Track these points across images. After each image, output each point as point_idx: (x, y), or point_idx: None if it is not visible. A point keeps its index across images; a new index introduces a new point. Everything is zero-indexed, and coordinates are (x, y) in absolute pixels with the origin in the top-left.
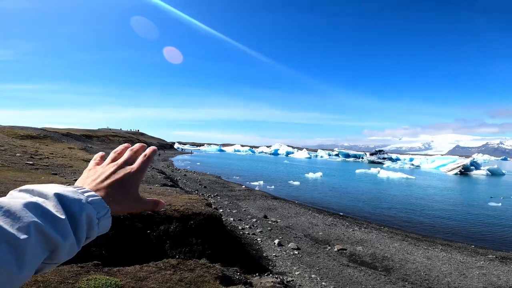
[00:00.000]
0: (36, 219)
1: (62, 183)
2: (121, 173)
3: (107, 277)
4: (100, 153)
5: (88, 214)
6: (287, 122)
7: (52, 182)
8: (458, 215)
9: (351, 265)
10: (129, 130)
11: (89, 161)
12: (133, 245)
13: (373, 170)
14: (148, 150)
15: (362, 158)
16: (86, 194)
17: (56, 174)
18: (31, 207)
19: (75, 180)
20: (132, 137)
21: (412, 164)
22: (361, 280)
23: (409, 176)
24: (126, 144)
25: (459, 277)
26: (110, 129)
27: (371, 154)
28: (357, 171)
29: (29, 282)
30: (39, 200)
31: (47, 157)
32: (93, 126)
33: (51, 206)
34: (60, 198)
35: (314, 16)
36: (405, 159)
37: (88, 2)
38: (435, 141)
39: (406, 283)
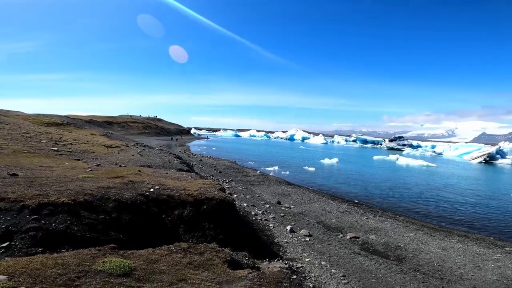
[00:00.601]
0: None
1: (84, 168)
2: None
3: (121, 259)
4: None
5: None
6: (303, 108)
7: (75, 167)
8: (479, 206)
9: (363, 253)
10: (147, 116)
11: (110, 147)
12: (148, 229)
13: (392, 157)
14: None
15: (381, 144)
16: None
17: (79, 159)
18: None
19: (97, 165)
20: (151, 123)
21: (434, 152)
22: (372, 269)
23: (430, 164)
24: None
25: (473, 269)
26: (130, 115)
27: (390, 141)
28: (375, 157)
29: (50, 265)
30: None
31: (71, 143)
32: (114, 113)
33: None
34: None
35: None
36: (426, 146)
37: None
38: (459, 128)
39: (418, 273)
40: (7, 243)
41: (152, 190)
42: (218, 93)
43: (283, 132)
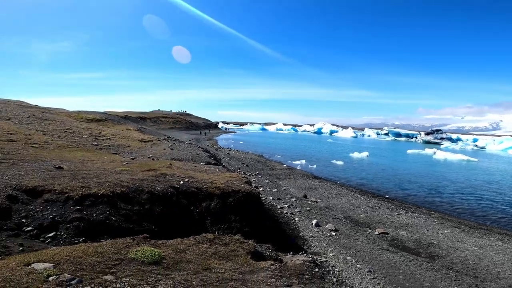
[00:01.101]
0: None
1: (121, 161)
2: None
3: (152, 248)
4: None
5: None
6: (331, 101)
7: (113, 161)
8: None
9: (391, 249)
10: (177, 111)
11: (143, 141)
12: (178, 220)
13: (428, 151)
14: None
15: (416, 137)
16: None
17: (116, 153)
18: None
19: (132, 159)
20: (180, 118)
21: (476, 145)
22: (400, 265)
23: (471, 158)
24: None
25: (511, 267)
26: (161, 111)
27: (427, 134)
28: (409, 151)
29: (90, 253)
30: None
31: (109, 138)
32: (146, 109)
33: None
34: None
35: None
36: (467, 140)
37: None
38: (505, 120)
39: (450, 271)
40: (53, 233)
41: (181, 182)
42: (245, 87)
43: (311, 125)
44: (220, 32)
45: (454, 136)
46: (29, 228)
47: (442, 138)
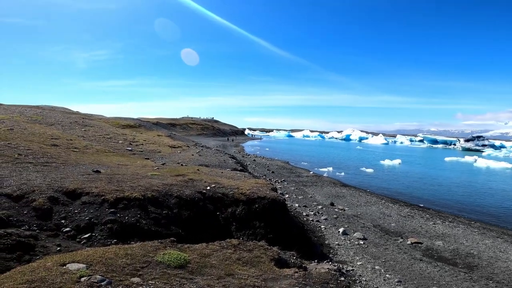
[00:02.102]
0: None
1: (152, 166)
2: None
3: (179, 252)
4: None
5: None
6: (359, 107)
7: (145, 165)
8: None
9: (425, 259)
10: (205, 118)
11: (173, 147)
12: (204, 225)
13: (468, 159)
14: None
15: (454, 144)
16: None
17: (148, 158)
18: None
19: (163, 164)
20: (208, 124)
21: None
22: (434, 276)
23: None
24: None
25: None
26: (191, 118)
27: (467, 141)
28: (447, 159)
29: (121, 255)
30: None
31: (142, 144)
32: (176, 115)
33: None
34: None
35: None
36: (511, 147)
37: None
38: None
39: (490, 281)
40: (88, 234)
41: (208, 188)
42: (271, 93)
43: (338, 132)
44: (244, 39)
45: (497, 142)
46: (67, 229)
47: (484, 145)
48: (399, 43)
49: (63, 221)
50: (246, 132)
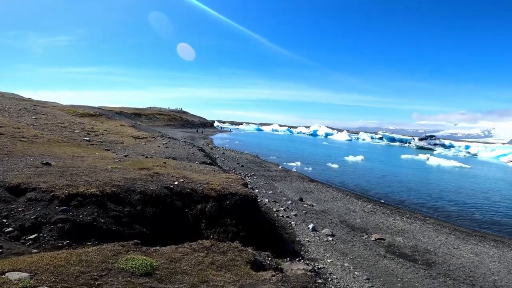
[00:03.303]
0: None
1: (113, 158)
2: None
3: (144, 257)
4: None
5: None
6: (327, 103)
7: (104, 157)
8: None
9: (388, 256)
10: (173, 109)
11: (137, 138)
12: (171, 223)
13: (422, 157)
14: None
15: (409, 143)
16: None
17: (108, 150)
18: None
19: (125, 156)
20: (176, 115)
21: (468, 152)
22: (398, 273)
23: (464, 165)
24: None
25: (507, 275)
26: (159, 108)
27: (420, 139)
28: (403, 156)
29: (73, 261)
30: None
31: (102, 134)
32: (142, 105)
33: None
34: None
35: None
36: (460, 147)
37: None
38: (497, 128)
39: (448, 278)
40: (35, 235)
41: (176, 183)
42: (241, 87)
43: (306, 127)
44: (220, 27)
45: (447, 142)
46: (10, 229)
47: (435, 144)
48: (367, 43)
49: (4, 220)
50: (216, 124)
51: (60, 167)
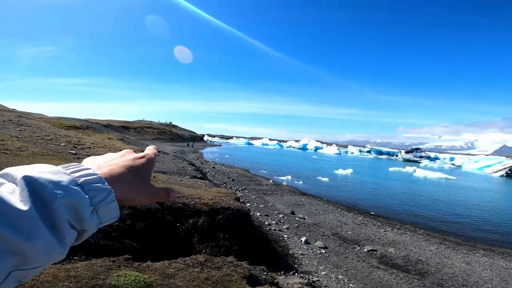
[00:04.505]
0: None
1: None
2: (136, 156)
3: (137, 273)
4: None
5: (70, 201)
6: (316, 117)
7: None
8: (503, 219)
9: (382, 267)
10: (162, 122)
11: None
12: (163, 238)
13: (409, 169)
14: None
15: (396, 156)
16: (77, 174)
17: None
18: None
19: None
20: (165, 128)
21: (453, 164)
22: (392, 284)
23: (449, 176)
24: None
25: (500, 283)
26: (150, 121)
27: (407, 152)
28: (391, 169)
29: (61, 277)
30: (6, 187)
31: (89, 147)
32: (130, 118)
33: (17, 194)
34: (30, 182)
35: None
36: (444, 158)
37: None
38: (480, 140)
39: None
40: None
41: None
42: (231, 101)
43: (296, 141)
44: (214, 40)
45: (432, 154)
46: None
47: (421, 157)
48: (354, 57)
49: None
50: (205, 138)
51: None
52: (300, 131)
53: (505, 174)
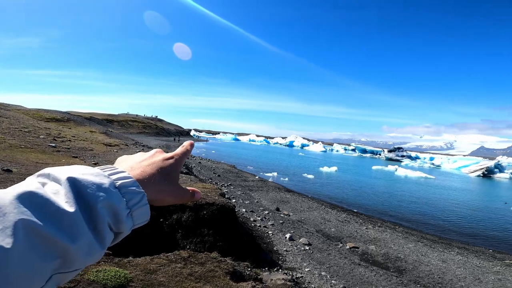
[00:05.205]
0: (26, 216)
1: None
2: (165, 157)
3: (117, 268)
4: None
5: (110, 203)
6: (304, 114)
7: (71, 165)
8: (477, 218)
9: (363, 264)
10: (148, 116)
11: (109, 145)
12: (145, 233)
13: (391, 168)
14: (187, 143)
15: (380, 154)
16: (114, 176)
17: (76, 157)
18: (25, 198)
19: (95, 164)
20: (151, 122)
21: (433, 164)
22: (372, 281)
23: (429, 176)
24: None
25: (473, 281)
26: (136, 115)
27: (389, 151)
28: (374, 167)
29: None
30: (50, 187)
31: (69, 140)
32: (115, 111)
33: (62, 195)
34: (74, 184)
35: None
36: (425, 158)
37: None
38: (459, 141)
39: (418, 285)
40: None
41: None
42: (219, 96)
43: (283, 138)
44: (202, 34)
45: (413, 154)
46: None
47: (402, 156)
48: (343, 55)
49: None
50: (192, 133)
51: (23, 174)
52: (287, 128)
53: (481, 175)
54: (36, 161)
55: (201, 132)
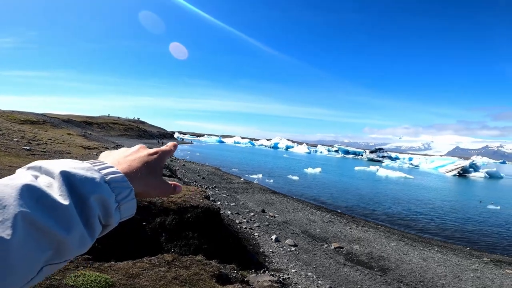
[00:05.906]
0: (25, 209)
1: None
2: (150, 152)
3: (97, 273)
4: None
5: (101, 197)
6: (288, 116)
7: None
8: (454, 217)
9: (348, 264)
10: (130, 118)
11: (87, 148)
12: (127, 237)
13: (372, 168)
14: (171, 143)
15: (362, 155)
16: (104, 171)
17: None
18: (24, 191)
19: None
20: (132, 125)
21: (411, 164)
22: (357, 280)
23: (408, 176)
24: None
25: (453, 279)
26: (118, 117)
27: (371, 152)
28: (356, 168)
29: None
30: (43, 180)
31: (45, 143)
32: (94, 113)
33: (55, 188)
34: (67, 177)
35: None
36: (404, 158)
37: None
38: (435, 141)
39: (401, 284)
40: None
41: None
42: (204, 98)
43: (267, 140)
44: (188, 35)
45: (393, 154)
46: None
47: (383, 156)
48: (327, 57)
49: None
50: (176, 135)
51: None
52: (272, 130)
53: (457, 174)
54: (9, 165)
55: (185, 134)
